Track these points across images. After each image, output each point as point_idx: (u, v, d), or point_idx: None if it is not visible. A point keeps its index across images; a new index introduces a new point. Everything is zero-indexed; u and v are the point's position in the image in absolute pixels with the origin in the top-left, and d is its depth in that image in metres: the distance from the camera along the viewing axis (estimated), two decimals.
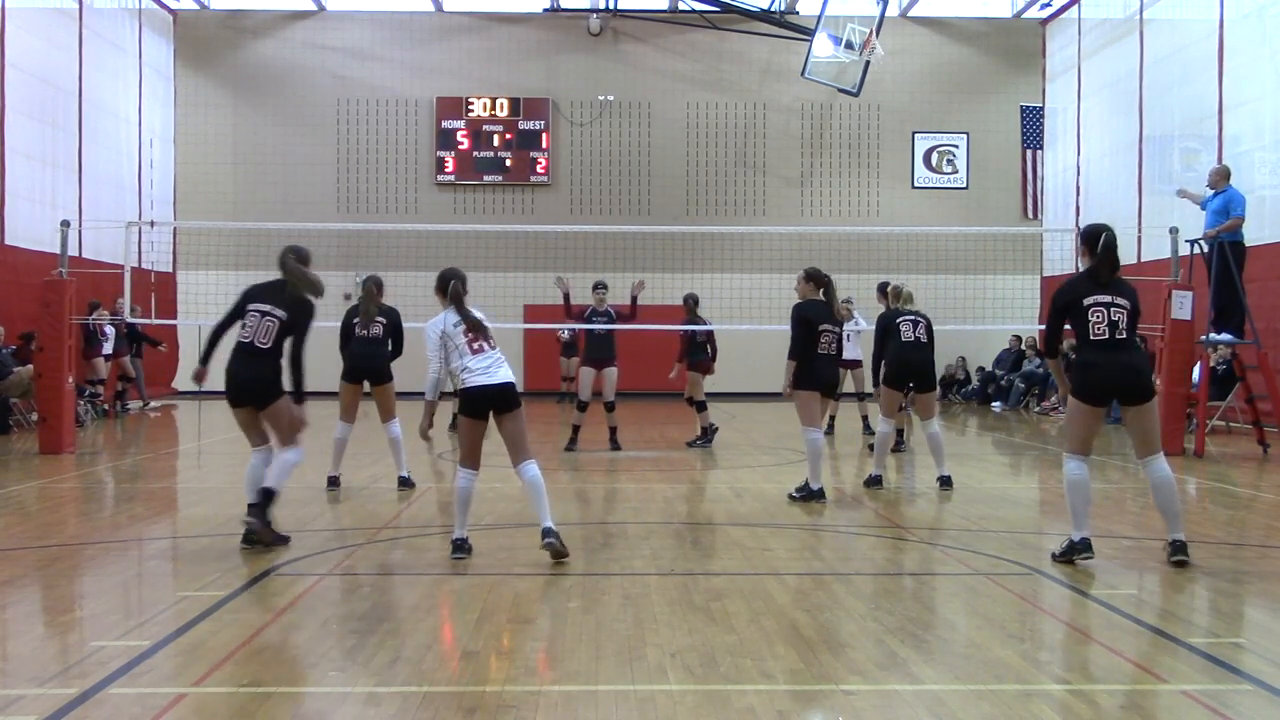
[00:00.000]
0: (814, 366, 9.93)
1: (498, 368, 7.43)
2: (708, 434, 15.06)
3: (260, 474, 7.95)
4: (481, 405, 7.41)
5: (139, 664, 5.15)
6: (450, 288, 7.57)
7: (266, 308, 7.99)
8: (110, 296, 19.63)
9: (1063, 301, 7.32)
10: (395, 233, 23.14)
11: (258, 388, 7.88)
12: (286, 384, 7.99)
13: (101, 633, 5.79)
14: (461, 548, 7.46)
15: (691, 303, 15.32)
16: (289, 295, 8.06)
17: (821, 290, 10.16)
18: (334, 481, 10.81)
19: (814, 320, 9.94)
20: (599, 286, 14.55)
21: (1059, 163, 26.82)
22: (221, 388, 8.06)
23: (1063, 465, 7.40)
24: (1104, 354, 7.11)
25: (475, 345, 7.43)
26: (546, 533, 7.28)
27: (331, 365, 11.11)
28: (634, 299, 14.42)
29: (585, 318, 14.50)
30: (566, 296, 14.79)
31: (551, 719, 4.49)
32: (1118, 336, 7.12)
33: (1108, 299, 7.16)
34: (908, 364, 10.97)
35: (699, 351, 15.11)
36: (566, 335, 23.46)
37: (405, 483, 10.88)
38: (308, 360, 8.04)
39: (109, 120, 23.61)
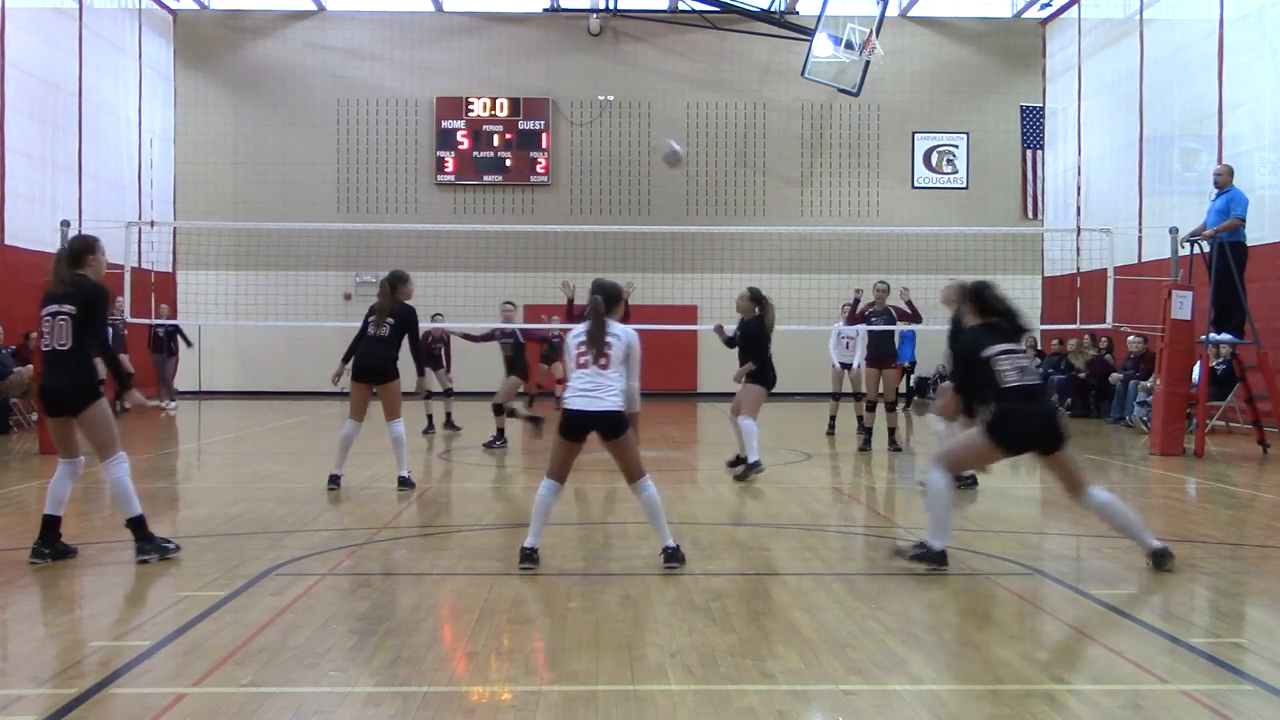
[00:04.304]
0: (765, 368, 11.82)
1: (604, 393, 7.06)
2: (525, 427, 14.76)
3: (66, 487, 7.39)
4: (576, 428, 7.11)
5: (139, 664, 5.14)
6: (592, 300, 7.28)
7: (54, 308, 7.30)
8: (113, 298, 19.63)
9: (964, 356, 7.24)
10: (395, 233, 23.15)
11: (64, 396, 7.28)
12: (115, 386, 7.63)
13: (101, 633, 5.79)
14: (529, 557, 7.09)
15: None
16: (75, 286, 7.36)
17: (758, 308, 11.86)
18: (335, 480, 10.79)
19: (753, 335, 11.77)
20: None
21: (1059, 163, 26.82)
22: (221, 387, 8.04)
23: (930, 475, 7.25)
24: (1024, 402, 6.95)
25: (581, 360, 7.13)
26: (668, 554, 7.14)
27: (327, 364, 11.13)
28: (625, 301, 14.42)
29: (584, 318, 14.47)
30: (570, 301, 14.79)
31: (551, 719, 4.49)
32: (1029, 382, 7.03)
33: (1008, 346, 7.09)
34: None
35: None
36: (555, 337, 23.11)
37: (405, 483, 10.86)
38: (312, 360, 7.98)
39: (109, 120, 23.62)
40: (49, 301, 7.37)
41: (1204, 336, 14.66)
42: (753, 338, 11.86)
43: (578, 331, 7.30)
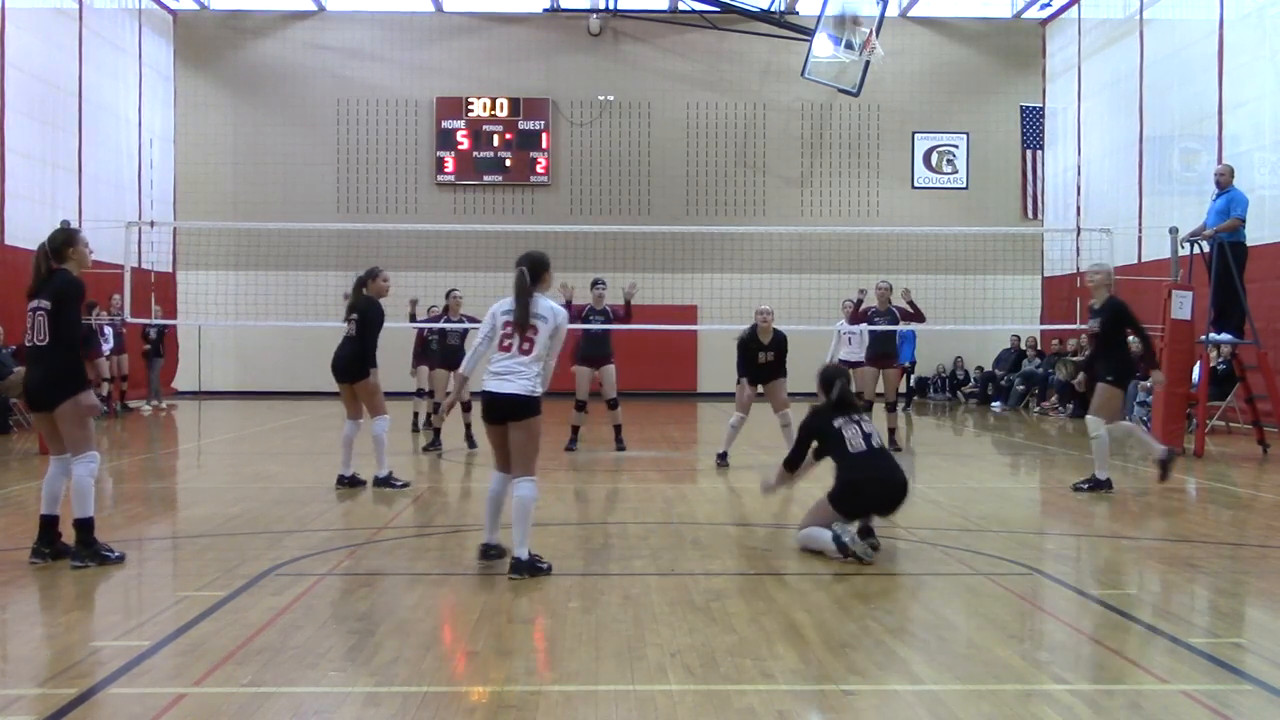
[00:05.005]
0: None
1: (514, 376, 6.91)
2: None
3: (60, 484, 7.35)
4: (489, 410, 7.03)
5: (139, 664, 5.14)
6: (518, 274, 7.02)
7: (34, 303, 7.27)
8: (108, 297, 19.62)
9: (813, 427, 7.93)
10: (395, 233, 23.14)
11: (41, 391, 7.25)
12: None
13: (101, 633, 5.79)
14: (486, 554, 7.16)
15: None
16: (50, 279, 7.29)
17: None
18: (342, 480, 10.73)
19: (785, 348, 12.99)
20: (597, 284, 14.52)
21: (1059, 163, 26.82)
22: (221, 387, 8.01)
23: (797, 536, 7.73)
24: (868, 469, 7.59)
25: (505, 343, 6.97)
26: (515, 564, 6.85)
27: (327, 364, 11.10)
28: (628, 302, 14.46)
29: (583, 317, 14.50)
30: (569, 303, 14.77)
31: (551, 719, 4.49)
32: (874, 445, 7.68)
33: (857, 417, 7.82)
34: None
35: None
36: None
37: (382, 483, 10.64)
38: (312, 360, 7.93)
39: (109, 120, 23.61)
40: (30, 297, 7.35)
41: (1204, 336, 14.66)
42: (784, 350, 12.94)
43: (505, 308, 7.06)
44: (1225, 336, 14.67)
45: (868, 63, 25.25)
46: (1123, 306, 11.02)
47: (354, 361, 10.68)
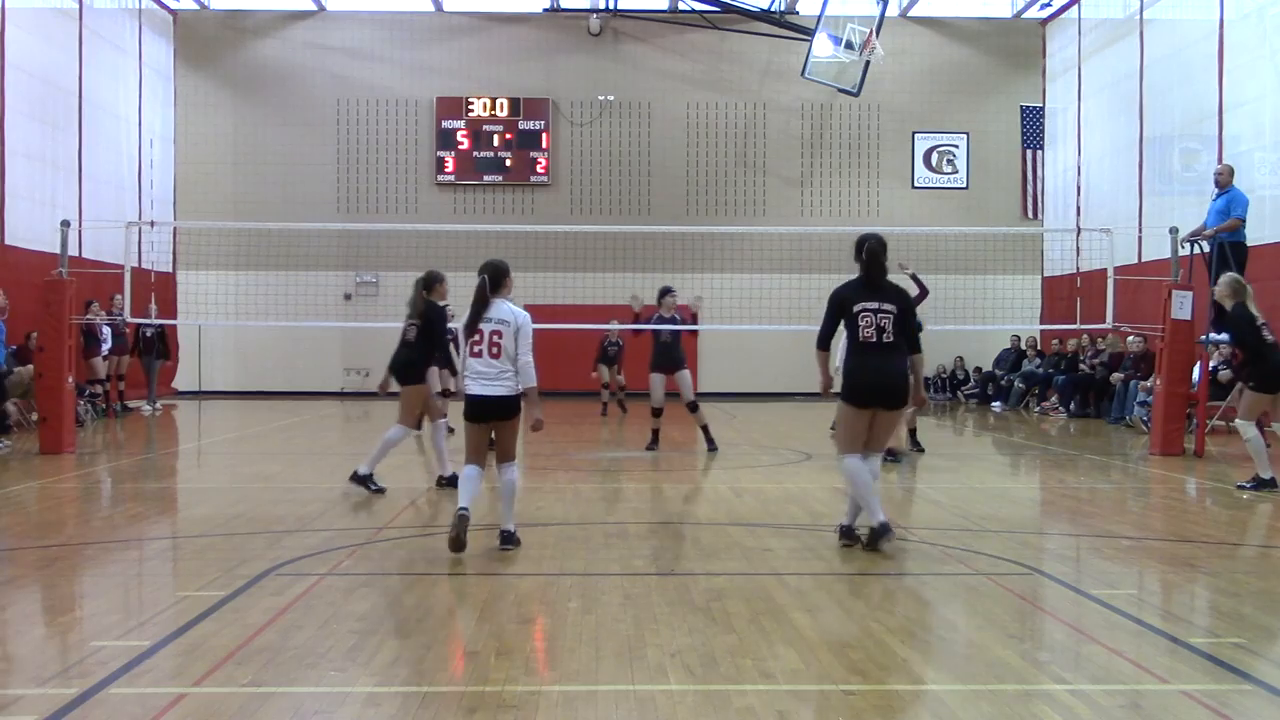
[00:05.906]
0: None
1: (499, 378, 7.55)
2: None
3: None
4: (478, 412, 7.65)
5: (139, 664, 5.14)
6: (479, 283, 7.65)
7: None
8: (109, 297, 19.60)
9: (836, 303, 7.76)
10: (395, 233, 23.12)
11: None
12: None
13: (101, 633, 5.78)
14: (462, 518, 7.38)
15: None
16: None
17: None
18: (441, 481, 10.69)
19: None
20: (668, 292, 14.37)
21: (1059, 163, 26.81)
22: (221, 387, 8.02)
23: (840, 464, 7.80)
24: (869, 359, 7.54)
25: (475, 349, 7.56)
26: (505, 536, 7.66)
27: (327, 364, 11.09)
28: (695, 315, 14.55)
29: (651, 322, 14.51)
30: (636, 315, 14.84)
31: (551, 719, 4.49)
32: (885, 340, 7.53)
33: (875, 305, 7.58)
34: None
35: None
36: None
37: (359, 479, 10.42)
38: (312, 360, 7.99)
39: (109, 120, 23.60)
40: None
41: (1204, 336, 14.66)
42: None
43: (466, 318, 7.67)
44: (1225, 336, 14.65)
45: (868, 63, 25.23)
46: (1238, 318, 11.14)
47: (404, 365, 10.54)
